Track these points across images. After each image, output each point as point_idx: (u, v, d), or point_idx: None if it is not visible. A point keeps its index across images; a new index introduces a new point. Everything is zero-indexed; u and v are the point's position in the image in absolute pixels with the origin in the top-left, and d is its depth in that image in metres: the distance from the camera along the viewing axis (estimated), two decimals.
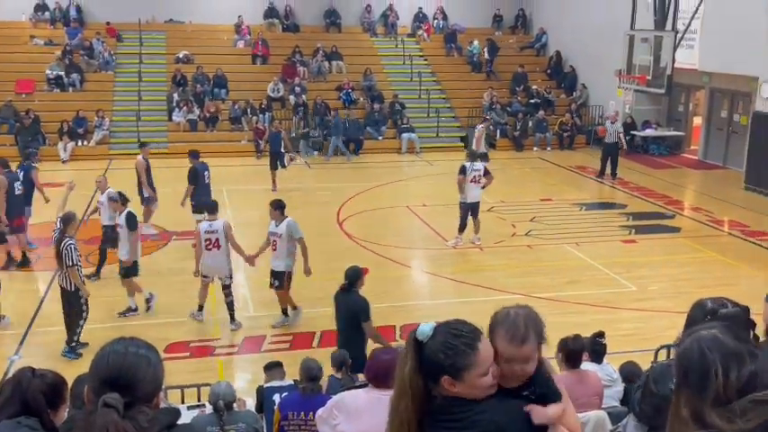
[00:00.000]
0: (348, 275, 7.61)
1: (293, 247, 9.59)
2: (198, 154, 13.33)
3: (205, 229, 9.59)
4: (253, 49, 24.39)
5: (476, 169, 12.78)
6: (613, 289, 10.98)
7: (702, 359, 1.66)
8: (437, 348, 2.21)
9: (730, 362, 1.62)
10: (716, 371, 1.62)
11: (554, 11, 26.01)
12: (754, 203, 16.04)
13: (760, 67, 16.76)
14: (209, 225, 9.64)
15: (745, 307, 3.03)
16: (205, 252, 9.56)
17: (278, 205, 9.64)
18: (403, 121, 22.35)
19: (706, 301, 3.03)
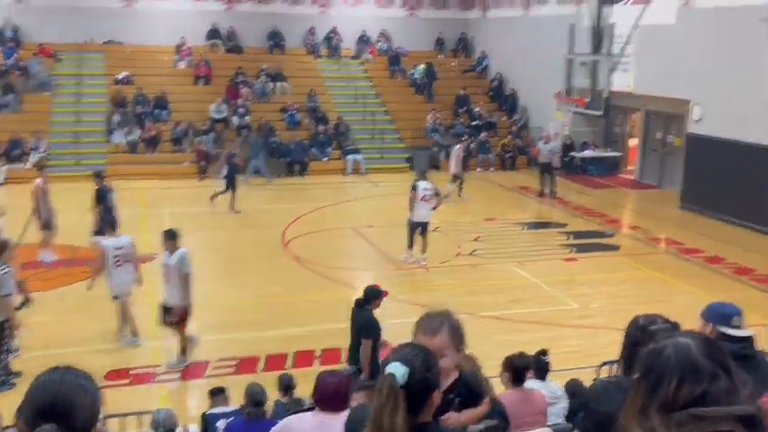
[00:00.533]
0: (365, 292, 7.79)
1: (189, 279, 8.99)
2: (102, 175, 13.03)
3: (114, 246, 9.47)
4: (195, 70, 24.17)
5: (426, 189, 12.89)
6: (556, 307, 11.15)
7: (664, 364, 1.70)
8: (423, 374, 2.22)
9: (688, 376, 1.65)
10: (670, 380, 1.66)
11: (495, 35, 26.54)
12: (688, 222, 16.55)
13: (691, 91, 17.40)
14: (116, 241, 9.56)
15: (674, 324, 3.12)
16: (115, 271, 9.41)
17: (170, 235, 9.00)
18: (348, 143, 22.41)
19: (639, 318, 3.11)
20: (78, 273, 11.67)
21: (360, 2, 27.11)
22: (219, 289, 11.73)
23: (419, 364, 2.21)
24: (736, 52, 15.96)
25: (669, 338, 1.77)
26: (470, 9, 28.11)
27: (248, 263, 13.15)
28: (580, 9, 20.79)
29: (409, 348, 2.31)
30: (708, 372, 1.64)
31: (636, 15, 16.21)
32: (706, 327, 3.83)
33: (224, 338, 9.75)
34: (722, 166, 16.44)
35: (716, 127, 16.71)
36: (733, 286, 12.15)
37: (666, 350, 1.72)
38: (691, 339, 1.73)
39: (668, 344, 1.73)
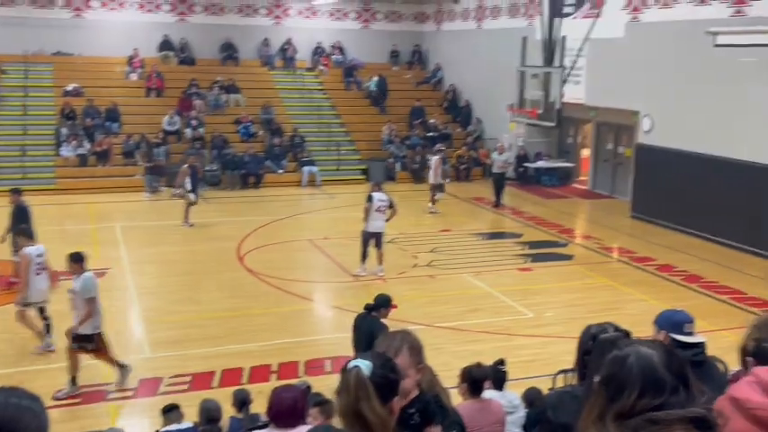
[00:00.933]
0: (377, 300, 7.79)
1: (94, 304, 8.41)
2: (20, 191, 12.56)
3: (36, 254, 9.47)
4: (147, 82, 23.85)
5: (381, 200, 12.90)
6: (512, 316, 11.24)
7: (627, 375, 1.71)
8: (385, 374, 2.26)
9: (649, 389, 1.67)
10: (631, 391, 1.68)
11: (449, 47, 26.80)
12: (639, 231, 16.87)
13: (640, 102, 17.79)
14: (37, 249, 9.57)
15: (624, 332, 3.16)
16: (37, 278, 9.38)
17: (75, 258, 8.47)
18: (303, 155, 22.33)
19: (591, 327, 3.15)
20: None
21: (314, 14, 27.12)
22: (173, 304, 11.54)
23: (380, 364, 2.28)
24: (683, 64, 16.38)
25: (632, 347, 1.78)
26: (424, 22, 28.35)
27: (203, 277, 12.97)
28: (532, 22, 21.13)
29: (369, 354, 2.40)
30: (669, 385, 1.67)
31: (586, 29, 16.51)
32: (659, 334, 3.89)
33: (178, 354, 9.58)
34: (671, 175, 16.82)
35: (664, 138, 17.11)
36: (683, 294, 12.41)
37: (629, 360, 1.73)
38: (653, 350, 1.75)
39: (631, 353, 1.75)
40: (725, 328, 9.98)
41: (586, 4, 19.31)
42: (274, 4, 26.55)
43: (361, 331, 7.66)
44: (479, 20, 24.84)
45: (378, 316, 7.68)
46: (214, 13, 25.96)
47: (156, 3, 25.34)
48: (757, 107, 14.63)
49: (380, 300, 7.81)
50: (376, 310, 7.72)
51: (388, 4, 27.65)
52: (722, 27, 15.25)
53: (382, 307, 7.76)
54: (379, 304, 7.75)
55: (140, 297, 11.86)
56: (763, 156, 14.52)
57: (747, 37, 14.82)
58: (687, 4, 16.31)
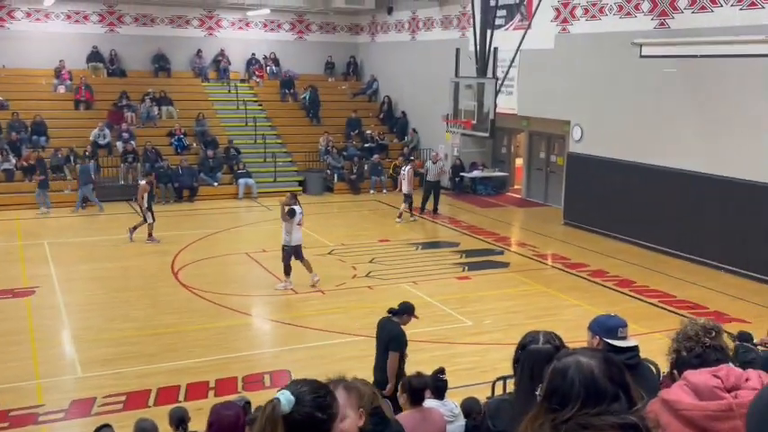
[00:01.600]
0: (401, 306, 7.83)
1: None
2: None
3: None
4: (75, 95, 23.23)
5: (301, 212, 12.82)
6: (450, 325, 11.32)
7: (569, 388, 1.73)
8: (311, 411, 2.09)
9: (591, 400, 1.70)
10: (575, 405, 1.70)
11: (383, 58, 26.97)
12: (572, 237, 17.26)
13: (571, 112, 18.25)
14: None
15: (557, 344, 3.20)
16: None
17: None
18: (239, 167, 22.08)
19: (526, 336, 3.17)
20: None
21: (247, 25, 26.92)
22: (106, 322, 11.22)
23: (309, 399, 2.08)
24: (611, 75, 16.88)
25: (572, 358, 1.80)
26: (359, 33, 28.48)
27: (137, 293, 12.66)
28: (465, 34, 21.47)
29: (306, 383, 2.16)
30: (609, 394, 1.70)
31: (517, 40, 16.86)
32: (594, 339, 3.96)
33: (111, 373, 9.31)
34: (601, 183, 17.28)
35: (594, 146, 17.57)
36: (616, 298, 12.73)
37: (570, 372, 1.75)
38: (593, 360, 1.77)
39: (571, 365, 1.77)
40: (656, 330, 10.28)
41: (517, 16, 19.73)
42: (207, 16, 26.25)
43: (380, 336, 7.72)
44: (413, 32, 25.10)
45: (399, 321, 7.71)
46: (145, 24, 25.49)
47: (85, 14, 24.75)
48: (680, 116, 15.17)
49: (405, 306, 7.87)
50: (398, 315, 7.76)
51: (322, 16, 27.67)
52: (647, 39, 15.82)
53: (405, 313, 7.80)
54: (402, 310, 7.81)
55: (71, 315, 11.50)
56: (687, 163, 15.06)
57: (670, 48, 15.40)
58: (614, 16, 16.82)
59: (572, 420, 1.69)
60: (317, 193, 22.51)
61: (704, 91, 14.62)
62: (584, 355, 1.81)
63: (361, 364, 9.31)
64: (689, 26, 14.85)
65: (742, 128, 13.91)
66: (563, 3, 18.25)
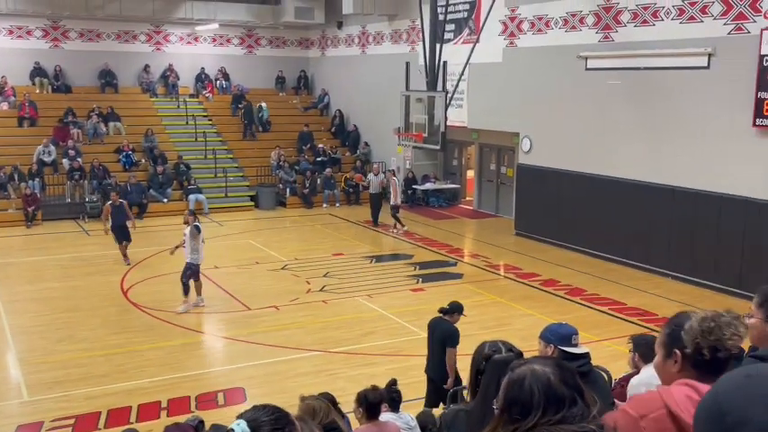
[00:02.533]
0: (451, 305, 8.16)
1: None
2: None
3: None
4: (19, 111, 22.68)
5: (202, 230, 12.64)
6: (406, 337, 11.32)
7: (529, 398, 1.75)
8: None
9: (551, 408, 1.71)
10: (536, 414, 1.72)
11: (334, 73, 27.01)
12: (524, 248, 17.47)
13: (519, 124, 18.53)
14: None
15: (518, 351, 3.24)
16: None
17: None
18: (189, 183, 21.81)
19: (484, 345, 3.20)
20: None
21: (196, 40, 26.69)
22: (53, 343, 10.93)
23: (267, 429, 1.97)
24: (558, 87, 17.20)
25: (526, 367, 1.82)
26: (309, 48, 28.48)
27: (85, 313, 12.36)
28: (414, 48, 21.65)
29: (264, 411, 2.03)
30: (567, 399, 1.72)
31: (466, 54, 17.08)
32: (547, 347, 4.01)
33: (59, 396, 9.06)
34: (549, 194, 17.56)
35: (543, 157, 17.86)
36: (568, 307, 12.91)
37: (527, 381, 1.77)
38: (547, 368, 1.80)
39: (527, 374, 1.79)
40: (607, 338, 10.46)
41: (465, 30, 19.99)
42: (154, 30, 25.95)
43: (435, 335, 8.02)
44: (363, 46, 25.20)
45: (451, 321, 8.02)
46: (90, 40, 25.07)
47: (28, 29, 24.22)
48: (625, 126, 15.54)
49: (455, 305, 8.17)
50: (449, 314, 8.07)
51: (271, 30, 27.59)
52: (592, 52, 16.19)
53: (456, 312, 8.09)
54: (453, 309, 8.11)
55: (16, 338, 11.17)
56: (633, 172, 15.42)
57: (614, 61, 15.79)
58: (559, 30, 17.17)
59: (533, 430, 1.70)
60: (270, 207, 22.37)
61: (647, 102, 15.01)
62: (538, 363, 1.84)
63: (317, 380, 9.27)
64: (632, 39, 15.24)
65: (683, 137, 14.31)
66: (510, 17, 18.56)
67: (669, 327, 2.44)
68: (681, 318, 2.44)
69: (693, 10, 13.96)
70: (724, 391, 1.47)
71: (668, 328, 2.44)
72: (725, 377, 1.52)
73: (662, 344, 2.43)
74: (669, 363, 2.38)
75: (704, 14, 13.76)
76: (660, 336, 2.46)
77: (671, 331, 2.40)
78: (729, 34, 13.32)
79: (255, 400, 7.79)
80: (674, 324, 2.43)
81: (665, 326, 2.48)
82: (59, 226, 19.29)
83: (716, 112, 13.65)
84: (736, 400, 1.41)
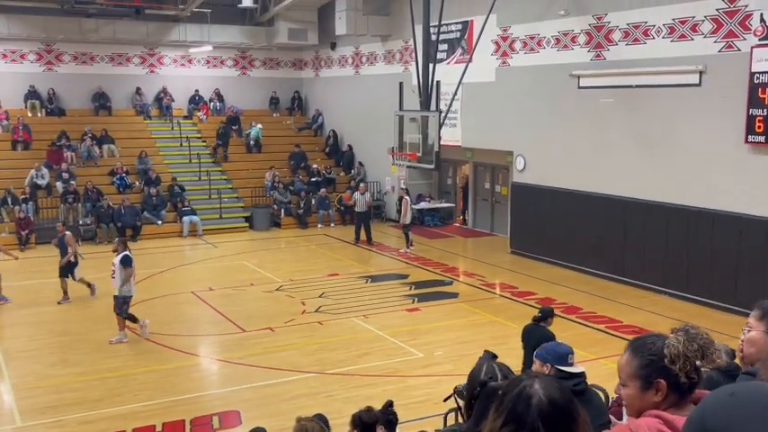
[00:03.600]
0: (542, 311, 8.56)
1: None
2: None
3: None
4: (13, 135, 22.67)
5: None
6: (402, 357, 11.27)
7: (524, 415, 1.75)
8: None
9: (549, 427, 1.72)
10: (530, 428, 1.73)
11: (328, 93, 27.10)
12: (519, 266, 17.45)
13: (513, 143, 18.59)
14: None
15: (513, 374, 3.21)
16: None
17: None
18: (183, 204, 21.78)
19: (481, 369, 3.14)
20: None
21: (189, 62, 26.77)
22: (47, 368, 10.84)
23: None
24: (551, 106, 17.29)
25: (524, 384, 1.82)
26: (303, 69, 28.60)
27: (79, 337, 12.28)
28: (408, 68, 21.76)
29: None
30: (567, 418, 1.72)
31: (459, 73, 17.17)
32: (544, 367, 3.99)
33: (53, 421, 8.97)
34: (544, 212, 17.58)
35: (537, 176, 17.91)
36: (564, 325, 12.84)
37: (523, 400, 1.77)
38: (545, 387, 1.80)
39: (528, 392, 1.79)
40: (603, 356, 10.42)
41: (458, 50, 20.11)
42: (148, 53, 26.03)
43: (530, 342, 8.13)
44: (357, 66, 25.32)
45: (545, 326, 8.30)
46: (84, 63, 25.13)
47: (21, 53, 24.28)
48: (619, 144, 15.60)
49: (547, 311, 8.56)
50: (544, 320, 8.39)
51: (265, 52, 27.71)
52: (584, 70, 16.29)
53: (549, 317, 8.46)
54: (546, 314, 8.46)
55: (10, 362, 11.07)
56: (625, 190, 15.46)
57: (606, 79, 15.88)
58: (551, 49, 17.28)
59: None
60: (265, 228, 22.35)
61: (640, 120, 15.08)
62: (537, 383, 1.83)
63: (313, 401, 9.20)
64: (623, 57, 15.35)
65: (676, 154, 14.37)
66: (502, 36, 18.69)
67: (641, 357, 2.32)
68: (651, 345, 2.33)
69: (684, 28, 14.08)
70: (709, 408, 1.51)
71: (640, 358, 2.32)
72: (711, 395, 1.56)
73: (635, 376, 2.31)
74: (649, 394, 2.28)
75: (695, 33, 13.88)
76: (628, 367, 2.33)
77: (647, 362, 2.30)
78: (720, 52, 13.43)
79: (251, 422, 7.72)
80: (647, 353, 2.31)
81: (632, 356, 2.35)
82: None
83: (708, 129, 13.72)
84: (719, 418, 1.46)
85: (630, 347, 2.40)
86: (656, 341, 2.35)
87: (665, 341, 2.33)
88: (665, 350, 2.29)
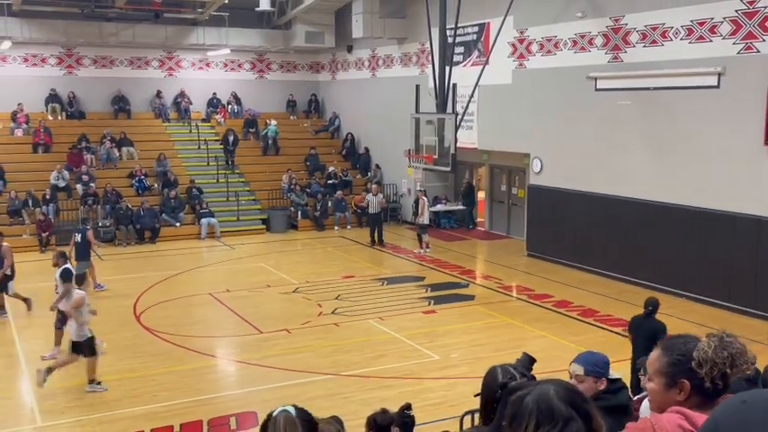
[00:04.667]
0: (651, 303, 8.81)
1: None
2: None
3: None
4: (34, 138, 22.95)
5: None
6: (418, 360, 11.29)
7: (524, 410, 1.78)
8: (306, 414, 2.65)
9: (544, 420, 1.74)
10: (528, 423, 1.75)
11: (345, 96, 27.19)
12: (536, 269, 17.41)
13: (530, 145, 18.55)
14: None
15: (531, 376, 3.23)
16: None
17: None
18: (201, 206, 21.93)
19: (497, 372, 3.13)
20: None
21: (208, 65, 26.97)
22: (66, 369, 10.93)
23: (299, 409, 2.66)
24: (568, 108, 17.24)
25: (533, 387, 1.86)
26: (319, 72, 28.71)
27: (98, 338, 12.37)
28: (424, 70, 21.78)
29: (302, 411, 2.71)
30: (562, 416, 1.74)
31: (476, 76, 17.17)
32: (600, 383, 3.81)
33: (73, 421, 9.08)
34: (561, 214, 17.53)
35: (553, 178, 17.86)
36: (580, 328, 12.84)
37: (527, 398, 1.81)
38: (552, 386, 1.82)
39: (531, 391, 1.83)
40: (621, 359, 10.35)
41: (475, 52, 20.10)
42: (167, 56, 26.26)
43: (642, 333, 8.55)
44: (373, 69, 25.38)
45: (655, 316, 8.68)
46: (104, 66, 25.40)
47: (42, 57, 24.58)
48: (636, 147, 15.53)
49: (655, 302, 8.84)
50: (654, 312, 8.69)
51: (282, 55, 27.85)
52: (601, 73, 16.23)
53: (657, 308, 8.78)
54: (656, 306, 8.77)
55: (30, 363, 11.20)
56: (644, 192, 15.38)
57: (624, 81, 15.81)
58: (568, 51, 17.23)
59: None
60: (281, 230, 22.45)
61: (658, 122, 15.01)
62: (546, 383, 1.86)
63: (329, 403, 9.24)
64: (641, 60, 15.28)
65: (694, 157, 14.28)
66: (519, 39, 18.66)
67: (670, 355, 2.39)
68: (681, 346, 2.39)
69: (702, 30, 13.99)
70: (722, 416, 1.57)
71: (669, 356, 2.39)
72: (724, 403, 1.63)
73: (662, 373, 2.38)
74: (673, 392, 2.33)
75: (713, 34, 13.79)
76: (657, 363, 2.40)
77: (675, 361, 2.36)
78: (739, 54, 13.34)
79: None
80: (677, 353, 2.38)
81: (663, 353, 2.42)
82: None
83: (726, 131, 13.63)
84: (732, 424, 1.52)
85: (663, 345, 2.47)
86: (687, 342, 2.41)
87: (698, 344, 2.38)
88: (694, 353, 2.34)
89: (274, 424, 2.57)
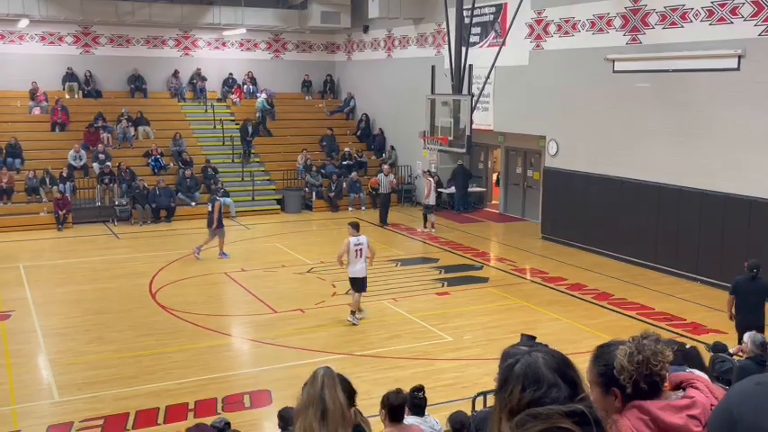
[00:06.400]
0: (755, 265, 9.43)
1: None
2: None
3: None
4: (51, 116, 23.07)
5: None
6: (431, 341, 11.32)
7: (511, 374, 1.79)
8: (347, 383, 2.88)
9: (529, 384, 1.75)
10: (514, 386, 1.76)
11: (360, 76, 27.10)
12: (550, 252, 17.37)
13: (546, 127, 18.42)
14: None
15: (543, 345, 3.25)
16: None
17: None
18: (217, 186, 21.98)
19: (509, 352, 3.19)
20: None
21: (224, 45, 26.95)
22: (82, 345, 11.10)
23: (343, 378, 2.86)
24: (585, 90, 17.08)
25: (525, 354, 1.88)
26: (335, 52, 28.61)
27: (114, 315, 12.54)
28: (440, 51, 21.65)
29: None
30: (548, 381, 1.76)
31: (492, 57, 17.05)
32: None
33: (89, 397, 9.20)
34: (577, 197, 17.43)
35: (569, 161, 17.75)
36: (595, 311, 12.81)
37: (518, 365, 1.83)
38: (541, 354, 1.85)
39: (522, 359, 1.85)
40: None
41: (491, 33, 19.94)
42: (183, 36, 26.25)
43: (752, 292, 9.26)
44: (389, 50, 25.25)
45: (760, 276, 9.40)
46: (120, 45, 25.44)
47: (59, 35, 24.65)
48: (654, 129, 15.38)
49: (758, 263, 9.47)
50: (758, 272, 9.36)
51: (298, 35, 27.77)
52: (619, 54, 16.06)
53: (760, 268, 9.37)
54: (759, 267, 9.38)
55: (47, 339, 11.36)
56: (661, 175, 15.26)
57: (642, 63, 15.64)
58: (586, 32, 17.05)
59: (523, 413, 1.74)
60: (296, 211, 22.50)
61: (676, 105, 14.85)
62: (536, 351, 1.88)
63: None
64: (660, 41, 15.10)
65: (712, 140, 14.14)
66: (536, 20, 18.48)
67: (598, 366, 2.47)
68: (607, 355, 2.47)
69: (723, 11, 13.79)
70: (735, 399, 1.54)
71: (597, 367, 2.48)
72: (737, 385, 1.61)
73: (594, 382, 2.46)
74: (609, 399, 2.43)
75: (734, 15, 13.59)
76: (589, 374, 2.47)
77: (603, 371, 2.45)
78: (760, 35, 13.14)
79: (281, 402, 7.84)
80: (602, 363, 2.46)
81: (592, 363, 2.50)
82: (89, 229, 19.59)
83: (746, 114, 13.47)
84: (747, 407, 1.49)
85: (593, 354, 2.55)
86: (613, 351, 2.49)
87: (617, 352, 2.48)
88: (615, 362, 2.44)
89: (314, 377, 2.79)
